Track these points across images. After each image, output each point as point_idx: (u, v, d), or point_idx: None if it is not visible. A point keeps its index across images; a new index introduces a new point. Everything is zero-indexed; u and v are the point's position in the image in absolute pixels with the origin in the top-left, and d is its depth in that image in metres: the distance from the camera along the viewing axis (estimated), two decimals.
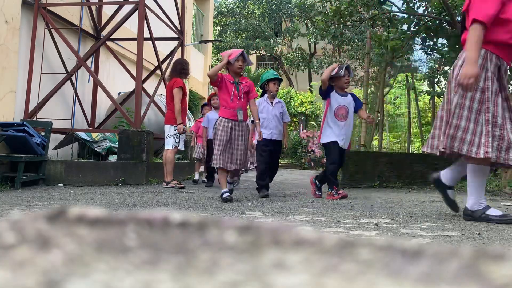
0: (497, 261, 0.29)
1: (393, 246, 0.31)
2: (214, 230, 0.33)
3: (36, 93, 7.33)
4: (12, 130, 5.99)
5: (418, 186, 6.87)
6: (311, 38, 22.69)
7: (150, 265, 0.29)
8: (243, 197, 4.96)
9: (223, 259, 0.30)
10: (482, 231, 2.62)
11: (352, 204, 4.20)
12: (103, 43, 8.07)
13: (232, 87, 4.65)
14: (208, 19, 17.08)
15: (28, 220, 0.33)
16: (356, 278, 0.28)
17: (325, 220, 3.06)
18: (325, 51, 22.48)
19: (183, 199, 4.59)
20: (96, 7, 8.95)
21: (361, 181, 6.74)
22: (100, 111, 9.23)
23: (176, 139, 6.21)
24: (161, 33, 9.55)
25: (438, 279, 0.27)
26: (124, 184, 6.47)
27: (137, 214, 0.34)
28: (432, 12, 7.09)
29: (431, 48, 7.28)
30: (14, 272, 0.27)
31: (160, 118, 8.21)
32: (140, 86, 7.41)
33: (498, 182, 6.09)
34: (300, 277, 0.28)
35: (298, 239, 0.32)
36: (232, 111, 4.61)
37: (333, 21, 7.27)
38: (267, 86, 5.52)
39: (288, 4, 23.66)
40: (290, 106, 18.79)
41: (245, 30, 24.17)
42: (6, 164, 6.09)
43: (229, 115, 4.61)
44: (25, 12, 7.18)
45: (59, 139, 7.98)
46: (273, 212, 3.55)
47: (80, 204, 4.10)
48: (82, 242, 0.31)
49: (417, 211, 3.61)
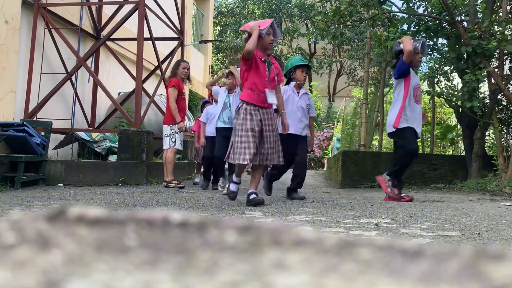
0: (497, 261, 0.29)
1: (393, 246, 0.31)
2: (214, 230, 0.33)
3: (36, 93, 7.33)
4: (12, 130, 5.99)
5: (418, 186, 6.87)
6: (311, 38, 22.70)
7: (150, 265, 0.29)
8: (243, 197, 4.96)
9: (223, 259, 0.30)
10: (482, 231, 2.62)
11: (352, 204, 4.20)
12: (103, 43, 8.07)
13: (265, 66, 3.95)
14: (208, 19, 17.08)
15: (28, 220, 0.33)
16: (356, 278, 0.28)
17: (325, 220, 3.06)
18: (325, 51, 22.47)
19: (183, 199, 4.59)
20: (96, 7, 8.95)
21: (361, 181, 6.74)
22: (100, 111, 9.23)
23: (172, 139, 6.22)
24: (161, 33, 9.55)
25: (438, 279, 0.27)
26: (124, 184, 6.47)
27: (137, 214, 0.34)
28: (432, 12, 7.09)
29: (431, 48, 7.28)
30: (14, 272, 0.27)
31: (160, 118, 8.21)
32: (140, 86, 7.41)
33: (498, 182, 6.09)
34: (300, 277, 0.28)
35: (298, 239, 0.32)
36: (262, 96, 3.89)
37: (333, 21, 7.27)
38: (293, 73, 4.83)
39: (288, 4, 23.65)
40: None
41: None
42: (6, 164, 6.09)
43: (257, 100, 3.88)
44: (25, 12, 7.18)
45: (59, 139, 7.98)
46: (273, 212, 3.55)
47: (80, 204, 4.10)
48: (82, 242, 0.31)
49: (417, 211, 3.61)
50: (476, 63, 6.47)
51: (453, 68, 7.13)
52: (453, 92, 6.79)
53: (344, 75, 22.41)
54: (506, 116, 7.88)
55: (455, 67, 6.99)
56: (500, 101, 7.50)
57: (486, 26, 6.32)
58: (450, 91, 6.85)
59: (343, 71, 22.87)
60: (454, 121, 12.41)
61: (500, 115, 7.60)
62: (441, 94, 6.92)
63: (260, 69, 3.90)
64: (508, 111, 7.90)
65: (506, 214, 3.49)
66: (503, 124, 7.78)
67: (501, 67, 6.90)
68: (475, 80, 6.20)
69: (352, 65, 21.42)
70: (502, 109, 7.82)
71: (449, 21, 6.59)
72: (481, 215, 3.37)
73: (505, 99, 7.37)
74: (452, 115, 11.98)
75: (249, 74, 3.90)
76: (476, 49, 6.25)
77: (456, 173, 7.21)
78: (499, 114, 7.55)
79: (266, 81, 3.90)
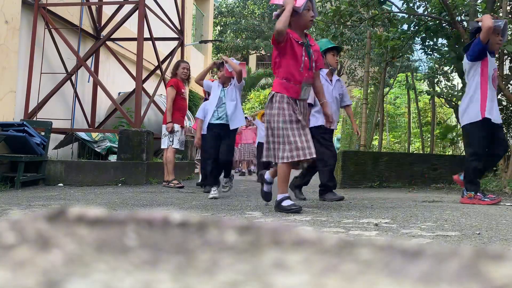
0: (497, 261, 0.29)
1: (393, 246, 0.31)
2: (214, 230, 0.33)
3: (36, 93, 7.33)
4: (12, 130, 5.99)
5: (418, 186, 6.87)
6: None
7: (150, 265, 0.29)
8: (243, 197, 4.96)
9: (223, 259, 0.30)
10: (482, 231, 2.62)
11: (352, 204, 4.20)
12: (103, 43, 8.07)
13: (302, 50, 3.29)
14: (208, 19, 17.08)
15: (28, 220, 0.33)
16: (356, 278, 0.28)
17: (325, 220, 3.06)
18: None
19: (183, 199, 4.59)
20: (96, 7, 8.95)
21: (361, 181, 6.74)
22: (100, 111, 9.23)
23: (170, 138, 6.22)
24: (161, 33, 9.55)
25: (438, 279, 0.27)
26: (124, 184, 6.47)
27: (137, 214, 0.34)
28: (432, 12, 7.09)
29: (431, 48, 7.28)
30: (14, 272, 0.27)
31: (160, 118, 8.21)
32: (140, 86, 7.41)
33: (498, 182, 6.09)
34: (300, 277, 0.28)
35: (298, 239, 0.32)
36: (297, 88, 3.29)
37: (333, 21, 7.27)
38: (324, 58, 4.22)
39: None
40: None
41: (245, 30, 24.17)
42: (6, 164, 6.09)
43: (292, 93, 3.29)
44: (25, 12, 7.18)
45: (59, 139, 7.98)
46: (273, 212, 3.55)
47: (80, 204, 4.10)
48: (82, 242, 0.31)
49: (417, 211, 3.60)
50: None
51: (453, 68, 7.13)
52: (453, 92, 6.79)
53: (344, 75, 22.42)
54: (506, 116, 7.88)
55: (455, 67, 6.99)
56: (500, 101, 7.50)
57: None
58: (450, 91, 6.85)
59: (343, 71, 22.88)
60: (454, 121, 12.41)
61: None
62: (441, 94, 6.92)
63: (297, 54, 3.24)
64: (508, 111, 7.90)
65: (506, 214, 3.49)
66: (503, 124, 7.78)
67: (501, 67, 6.91)
68: None
69: (352, 65, 21.43)
70: (502, 109, 7.82)
71: (449, 21, 6.60)
72: (481, 215, 3.37)
73: (505, 99, 7.37)
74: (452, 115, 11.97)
75: (283, 61, 3.26)
76: None
77: (456, 173, 7.20)
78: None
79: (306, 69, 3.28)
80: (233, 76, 4.78)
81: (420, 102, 13.36)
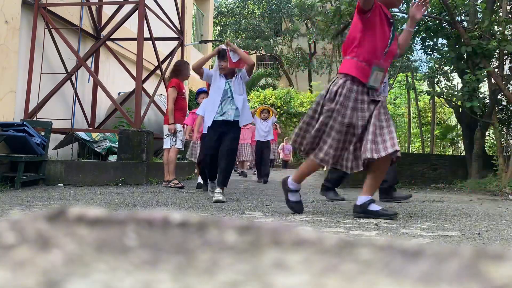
0: (497, 261, 0.29)
1: (393, 246, 0.31)
2: (214, 230, 0.33)
3: (36, 93, 7.33)
4: (12, 130, 5.99)
5: (418, 186, 6.87)
6: (311, 38, 22.71)
7: (150, 265, 0.29)
8: (243, 197, 4.95)
9: (223, 259, 0.30)
10: (482, 231, 2.62)
11: (352, 204, 4.20)
12: (103, 43, 8.07)
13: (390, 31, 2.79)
14: (208, 19, 17.08)
15: (28, 220, 0.33)
16: (356, 278, 0.28)
17: (325, 220, 3.06)
18: (325, 51, 22.47)
19: (183, 199, 4.59)
20: (96, 7, 8.95)
21: (361, 181, 6.74)
22: (100, 111, 9.23)
23: (173, 138, 6.23)
24: (161, 33, 9.55)
25: (438, 279, 0.27)
26: (124, 184, 6.47)
27: (137, 214, 0.34)
28: (432, 12, 7.09)
29: (431, 48, 7.28)
30: (14, 272, 0.27)
31: (160, 118, 8.21)
32: (140, 86, 7.41)
33: (498, 182, 6.09)
34: (300, 277, 0.28)
35: (298, 239, 0.32)
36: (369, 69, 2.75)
37: (333, 21, 7.26)
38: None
39: (288, 4, 23.66)
40: (290, 106, 18.80)
41: (245, 30, 24.18)
42: (6, 164, 6.09)
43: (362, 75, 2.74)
44: (25, 12, 7.18)
45: (59, 139, 7.98)
46: (273, 212, 3.54)
47: (80, 204, 4.10)
48: (82, 242, 0.31)
49: (417, 211, 3.60)
50: (476, 63, 6.47)
51: (453, 68, 7.13)
52: (453, 92, 6.79)
53: None
54: (506, 116, 7.89)
55: (455, 67, 6.99)
56: (500, 101, 7.50)
57: (486, 26, 6.32)
58: (450, 91, 6.85)
59: None
60: (454, 121, 12.41)
61: (500, 115, 7.60)
62: (441, 94, 6.92)
63: (385, 32, 2.72)
64: (508, 111, 7.91)
65: (506, 214, 3.49)
66: (503, 124, 7.79)
67: (501, 67, 6.91)
68: (475, 80, 6.20)
69: None
70: (502, 109, 7.82)
71: (449, 21, 6.59)
72: (481, 215, 3.37)
73: (505, 99, 7.37)
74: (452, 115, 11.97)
75: (367, 37, 2.71)
76: (476, 49, 6.25)
77: (456, 173, 7.21)
78: (499, 114, 7.56)
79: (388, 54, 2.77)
80: (237, 67, 4.29)
81: (420, 102, 13.36)
